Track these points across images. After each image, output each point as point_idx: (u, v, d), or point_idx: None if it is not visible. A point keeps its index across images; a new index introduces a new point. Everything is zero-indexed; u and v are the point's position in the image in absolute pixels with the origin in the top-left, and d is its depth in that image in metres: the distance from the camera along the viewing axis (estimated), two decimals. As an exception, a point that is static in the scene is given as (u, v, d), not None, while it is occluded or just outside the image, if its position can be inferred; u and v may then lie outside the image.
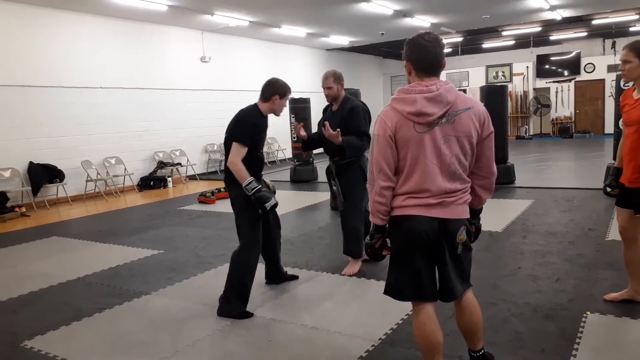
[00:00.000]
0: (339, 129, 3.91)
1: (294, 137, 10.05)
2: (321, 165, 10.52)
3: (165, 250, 5.32)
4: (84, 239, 6.04)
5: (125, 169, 10.08)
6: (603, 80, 16.62)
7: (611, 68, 16.19)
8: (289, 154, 14.06)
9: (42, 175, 8.68)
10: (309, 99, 10.23)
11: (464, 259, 2.36)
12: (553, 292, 3.65)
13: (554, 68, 17.44)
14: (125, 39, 10.28)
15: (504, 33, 14.74)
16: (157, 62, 10.91)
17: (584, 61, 16.84)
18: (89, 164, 9.41)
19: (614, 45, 15.95)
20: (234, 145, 3.46)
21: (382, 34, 13.29)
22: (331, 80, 4.11)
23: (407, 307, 3.38)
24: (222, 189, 8.58)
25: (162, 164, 10.82)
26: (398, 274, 2.32)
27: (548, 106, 17.33)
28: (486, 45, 16.96)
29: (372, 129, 2.32)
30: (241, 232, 3.62)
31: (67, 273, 4.63)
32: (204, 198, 8.23)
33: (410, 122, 2.19)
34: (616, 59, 16.00)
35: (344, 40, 14.38)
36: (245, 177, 3.42)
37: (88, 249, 5.65)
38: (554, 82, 17.33)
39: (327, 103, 4.46)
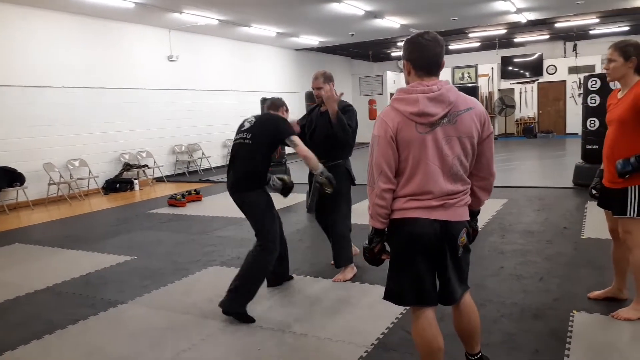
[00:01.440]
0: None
1: (266, 138, 9.90)
2: (293, 167, 10.43)
3: (138, 256, 5.11)
4: (50, 246, 5.75)
5: (89, 172, 9.71)
6: (564, 81, 17.12)
7: (572, 70, 16.70)
8: (258, 155, 13.89)
9: (1, 178, 8.26)
10: (282, 99, 10.07)
11: (463, 262, 2.31)
12: (538, 291, 3.67)
13: (517, 70, 17.85)
14: (90, 37, 9.91)
15: (470, 35, 14.98)
16: (122, 61, 10.57)
17: (546, 63, 17.30)
18: (51, 166, 9.02)
19: (575, 47, 16.44)
20: (295, 138, 3.54)
21: (352, 34, 13.29)
22: (321, 81, 4.04)
23: (396, 310, 3.35)
24: (193, 192, 8.38)
25: (128, 166, 10.49)
26: (399, 279, 2.25)
27: (512, 107, 17.72)
28: (452, 46, 17.20)
29: (373, 130, 2.24)
30: (263, 234, 3.60)
31: (34, 282, 4.38)
32: (174, 201, 8.00)
33: (412, 123, 2.12)
34: (577, 61, 16.54)
35: (313, 40, 14.31)
36: (318, 165, 3.56)
37: (55, 256, 5.37)
38: (518, 83, 17.75)
39: (304, 106, 4.37)
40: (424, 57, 2.20)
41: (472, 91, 8.62)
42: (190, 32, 11.89)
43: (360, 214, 5.94)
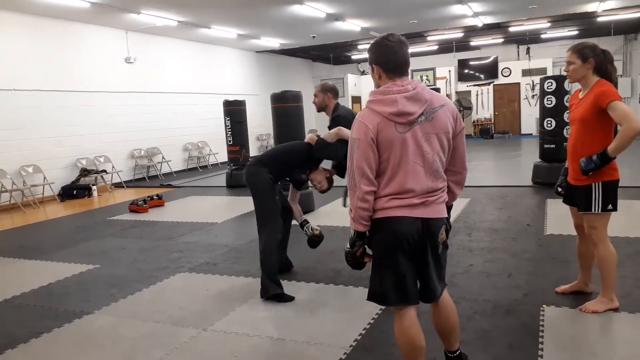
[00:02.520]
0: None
1: (230, 141, 9.79)
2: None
3: (102, 265, 4.93)
4: (5, 256, 5.47)
5: (44, 178, 9.32)
6: (518, 83, 17.70)
7: (525, 72, 17.29)
8: (221, 158, 13.73)
9: (-52, 186, 7.82)
10: (244, 101, 10.00)
11: (442, 259, 2.34)
12: (507, 287, 3.76)
13: (473, 72, 18.33)
14: (42, 38, 9.53)
15: (428, 38, 15.27)
16: (77, 63, 10.21)
17: (501, 65, 17.83)
18: (2, 173, 8.61)
19: (528, 50, 17.01)
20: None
21: (314, 37, 13.31)
22: (318, 90, 4.21)
23: (372, 311, 3.36)
24: (155, 197, 8.17)
25: (85, 172, 10.13)
26: (382, 278, 2.24)
27: (470, 108, 18.17)
28: (412, 50, 17.43)
29: (350, 134, 2.23)
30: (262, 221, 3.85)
31: (-9, 295, 4.16)
32: (135, 207, 7.77)
33: (392, 123, 2.13)
34: (531, 64, 17.12)
35: (274, 42, 14.25)
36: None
37: (11, 266, 5.12)
38: (475, 85, 18.22)
39: (269, 108, 4.35)
40: (392, 59, 2.21)
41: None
42: (148, 34, 11.62)
43: (326, 215, 5.92)
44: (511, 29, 14.30)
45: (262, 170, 3.81)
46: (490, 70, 18.01)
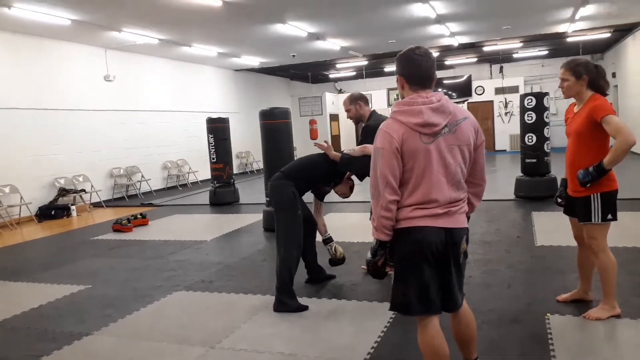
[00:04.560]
0: (326, 141, 4.06)
1: (213, 158, 9.71)
2: (242, 186, 10.27)
3: (93, 285, 4.79)
4: (-13, 279, 5.27)
5: (21, 198, 9.04)
6: (492, 101, 18.17)
7: (498, 90, 17.77)
8: (201, 176, 13.60)
9: None
10: (228, 118, 9.96)
11: (463, 268, 2.37)
12: (509, 298, 3.81)
13: (448, 90, 18.71)
14: (20, 56, 9.34)
15: (405, 57, 15.55)
16: (55, 81, 10.03)
17: (474, 84, 18.28)
18: (-22, 193, 8.32)
19: (501, 69, 17.53)
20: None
21: (294, 55, 13.42)
22: (347, 103, 4.19)
23: (379, 325, 3.37)
24: (139, 216, 8.02)
25: (63, 191, 9.88)
26: (406, 288, 2.25)
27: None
28: (388, 69, 17.79)
29: (374, 143, 2.26)
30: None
31: (-21, 319, 3.99)
32: (119, 226, 7.60)
33: (417, 134, 2.17)
34: (504, 82, 17.61)
35: (255, 60, 14.31)
36: None
37: (-4, 289, 4.93)
38: (449, 103, 18.58)
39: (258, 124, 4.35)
40: (416, 72, 2.27)
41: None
42: (127, 52, 11.53)
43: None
44: (485, 49, 14.72)
45: (287, 184, 3.81)
46: (464, 89, 18.41)
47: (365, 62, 15.90)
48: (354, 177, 4.17)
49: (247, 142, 15.80)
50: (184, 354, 3.15)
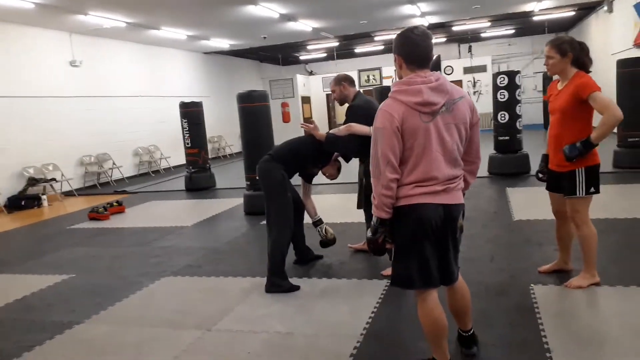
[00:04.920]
0: (312, 121, 4.12)
1: (188, 143, 9.59)
2: (216, 171, 10.18)
3: (77, 274, 4.73)
4: (-36, 272, 5.12)
5: (-11, 189, 8.77)
6: (460, 80, 18.39)
7: (467, 70, 18.02)
8: (173, 162, 13.42)
9: None
10: (201, 102, 9.83)
11: (458, 243, 2.45)
12: (493, 271, 3.95)
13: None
14: (-20, 40, 8.96)
15: (375, 38, 15.60)
16: (20, 67, 9.66)
17: (443, 64, 18.46)
18: (-57, 185, 8.02)
19: (470, 49, 17.75)
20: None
21: (265, 37, 13.27)
22: (332, 84, 4.19)
23: (370, 302, 3.46)
24: (115, 203, 7.89)
25: (33, 181, 9.60)
26: (407, 263, 2.32)
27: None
28: (358, 50, 17.79)
29: (374, 123, 2.30)
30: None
31: (-38, 312, 3.89)
32: (95, 214, 7.46)
33: (416, 112, 2.21)
34: (472, 62, 17.85)
35: (224, 43, 14.08)
36: None
37: (-26, 282, 4.80)
38: (420, 83, 18.75)
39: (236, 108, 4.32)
40: (414, 51, 2.31)
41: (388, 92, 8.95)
42: (94, 36, 11.19)
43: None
44: (454, 29, 14.87)
45: (276, 167, 3.82)
46: (434, 69, 18.18)
47: (337, 44, 15.87)
48: (340, 159, 4.22)
49: (219, 127, 15.62)
50: (180, 337, 3.17)
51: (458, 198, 2.35)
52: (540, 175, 3.61)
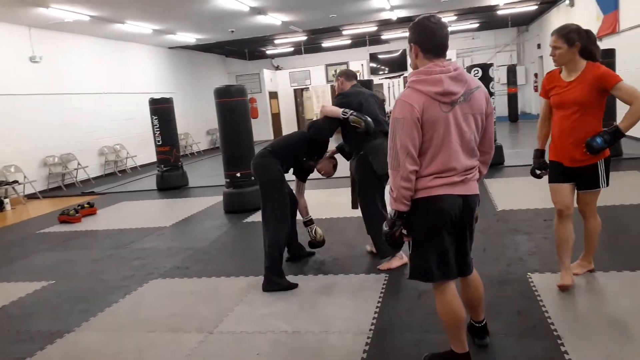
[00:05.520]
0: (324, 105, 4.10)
1: (159, 141, 9.32)
2: (187, 169, 9.94)
3: (56, 280, 4.50)
4: None
5: (-54, 194, 8.27)
6: (426, 74, 18.60)
7: (432, 64, 18.19)
8: (140, 161, 13.05)
9: None
10: (172, 98, 9.57)
11: (473, 233, 2.44)
12: (489, 261, 3.97)
13: (384, 65, 18.99)
14: None
15: (344, 32, 15.57)
16: (-25, 64, 9.16)
17: (409, 58, 18.61)
18: None
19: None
20: None
21: (232, 31, 13.03)
22: (335, 78, 4.28)
23: (372, 296, 3.44)
24: (86, 205, 7.59)
25: (-6, 184, 9.13)
26: (426, 256, 2.29)
27: (384, 100, 18.82)
28: (326, 44, 17.73)
29: (392, 114, 2.24)
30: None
31: (-64, 326, 3.63)
32: (66, 217, 7.15)
33: (436, 103, 2.18)
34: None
35: (191, 37, 13.75)
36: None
37: (-57, 293, 4.50)
38: (386, 78, 18.88)
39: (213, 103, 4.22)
40: (431, 40, 2.27)
41: (366, 86, 8.94)
42: (55, 30, 10.71)
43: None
44: (421, 23, 14.98)
45: (273, 162, 3.73)
46: (399, 63, 18.75)
47: (304, 38, 15.76)
48: (337, 156, 4.16)
49: (185, 124, 15.24)
50: (182, 342, 3.05)
51: (475, 188, 2.33)
52: (537, 172, 3.34)
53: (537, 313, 2.99)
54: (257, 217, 6.25)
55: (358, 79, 4.31)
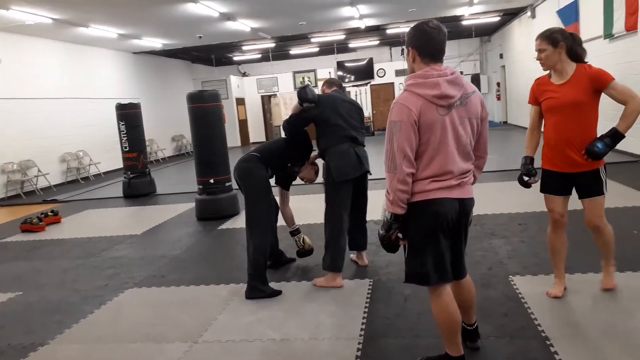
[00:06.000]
0: None
1: (125, 147, 9.07)
2: (155, 175, 9.70)
3: (24, 291, 4.29)
4: None
5: None
6: (392, 83, 18.90)
7: (399, 72, 18.51)
8: (104, 167, 12.69)
9: None
10: (139, 104, 9.34)
11: (467, 236, 2.46)
12: (471, 264, 3.83)
13: (351, 73, 19.15)
14: None
15: (312, 40, 15.63)
16: None
17: (376, 67, 18.88)
18: None
19: (403, 52, 18.22)
20: None
21: (200, 37, 12.87)
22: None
23: (359, 301, 3.43)
24: (50, 213, 7.29)
25: (-52, 192, 8.67)
26: (423, 259, 2.29)
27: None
28: (294, 51, 17.75)
29: (389, 117, 2.24)
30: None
31: None
32: (29, 226, 6.84)
33: (434, 106, 2.19)
34: (404, 64, 18.32)
35: (157, 42, 13.50)
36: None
37: None
38: (354, 86, 19.04)
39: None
40: (429, 44, 2.28)
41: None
42: (16, 33, 10.30)
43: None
44: (388, 32, 15.22)
45: (258, 167, 3.66)
46: (366, 71, 18.96)
47: (273, 45, 15.73)
48: (318, 161, 4.14)
49: (150, 130, 14.87)
50: (166, 352, 2.94)
51: (470, 192, 2.36)
52: (526, 178, 3.14)
53: (523, 315, 3.03)
54: (232, 224, 6.18)
55: (342, 86, 4.28)
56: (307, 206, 6.10)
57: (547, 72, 3.13)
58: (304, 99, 3.80)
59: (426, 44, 2.27)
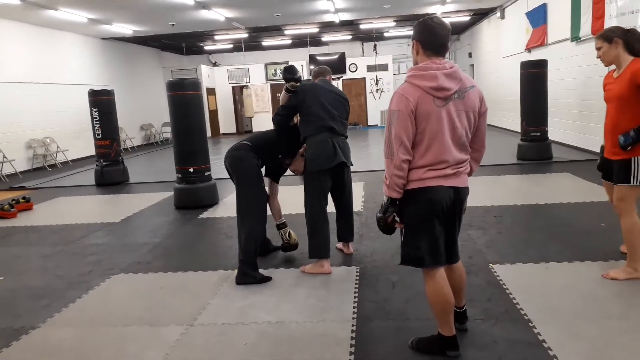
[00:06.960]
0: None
1: (98, 134, 8.90)
2: (130, 162, 9.55)
3: (5, 276, 4.23)
4: None
5: None
6: (364, 78, 19.08)
7: (371, 68, 18.70)
8: (72, 155, 12.40)
9: None
10: (113, 90, 9.17)
11: (461, 223, 2.60)
12: (450, 253, 4.18)
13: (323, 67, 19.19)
14: None
15: (285, 32, 15.62)
16: None
17: (348, 61, 19.01)
18: None
19: (375, 47, 18.42)
20: None
21: (173, 24, 12.69)
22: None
23: (348, 286, 3.56)
24: (22, 199, 7.12)
25: None
26: (418, 243, 2.42)
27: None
28: (266, 42, 17.68)
29: (389, 106, 2.37)
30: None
31: None
32: (1, 212, 6.68)
33: (430, 97, 2.31)
34: (377, 60, 18.52)
35: (127, 29, 13.22)
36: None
37: None
38: (325, 79, 19.09)
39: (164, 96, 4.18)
40: (432, 38, 2.40)
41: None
42: (-21, 12, 9.93)
43: (232, 205, 5.75)
44: (361, 27, 15.36)
45: (250, 155, 3.70)
46: (339, 66, 19.05)
47: (245, 35, 15.63)
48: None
49: (120, 117, 14.63)
50: (162, 334, 2.98)
51: (465, 181, 2.49)
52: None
53: (506, 299, 3.21)
54: (212, 213, 6.20)
55: (327, 76, 4.31)
56: (285, 197, 6.17)
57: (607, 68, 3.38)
58: (289, 78, 3.87)
59: (429, 38, 2.39)
